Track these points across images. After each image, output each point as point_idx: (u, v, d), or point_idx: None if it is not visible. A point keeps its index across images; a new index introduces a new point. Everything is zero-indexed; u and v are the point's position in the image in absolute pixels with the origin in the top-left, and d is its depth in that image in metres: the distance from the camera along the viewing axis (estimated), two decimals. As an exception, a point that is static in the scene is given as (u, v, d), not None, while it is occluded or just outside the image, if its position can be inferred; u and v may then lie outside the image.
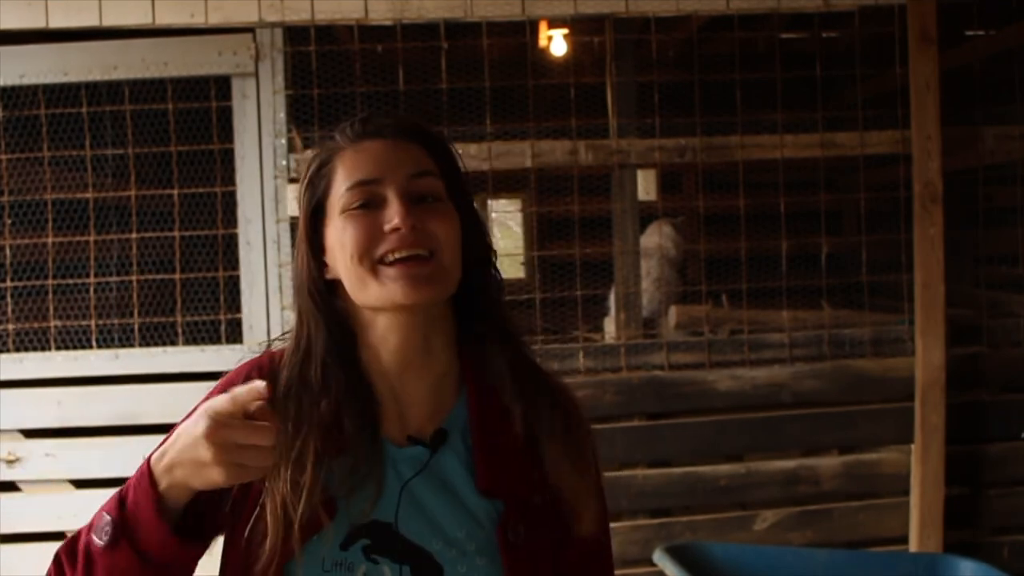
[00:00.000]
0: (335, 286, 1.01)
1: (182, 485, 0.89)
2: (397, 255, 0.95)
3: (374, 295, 0.97)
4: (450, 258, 0.97)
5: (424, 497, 0.98)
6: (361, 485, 0.96)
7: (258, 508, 0.95)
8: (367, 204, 0.97)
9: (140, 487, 0.91)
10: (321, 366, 1.00)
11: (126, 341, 2.82)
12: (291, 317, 1.09)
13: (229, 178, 2.84)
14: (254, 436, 0.86)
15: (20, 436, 2.80)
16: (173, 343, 2.83)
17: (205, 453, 0.86)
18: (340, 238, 0.98)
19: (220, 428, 0.85)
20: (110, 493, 0.96)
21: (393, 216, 0.95)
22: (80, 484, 2.79)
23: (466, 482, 0.99)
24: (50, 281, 2.83)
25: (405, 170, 0.98)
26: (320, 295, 1.01)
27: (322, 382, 0.99)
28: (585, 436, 1.04)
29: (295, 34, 2.83)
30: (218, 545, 1.02)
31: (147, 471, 0.91)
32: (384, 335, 1.00)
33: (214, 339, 2.85)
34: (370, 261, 0.96)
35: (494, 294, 1.05)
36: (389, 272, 0.95)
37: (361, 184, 0.97)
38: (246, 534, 0.96)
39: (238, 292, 2.85)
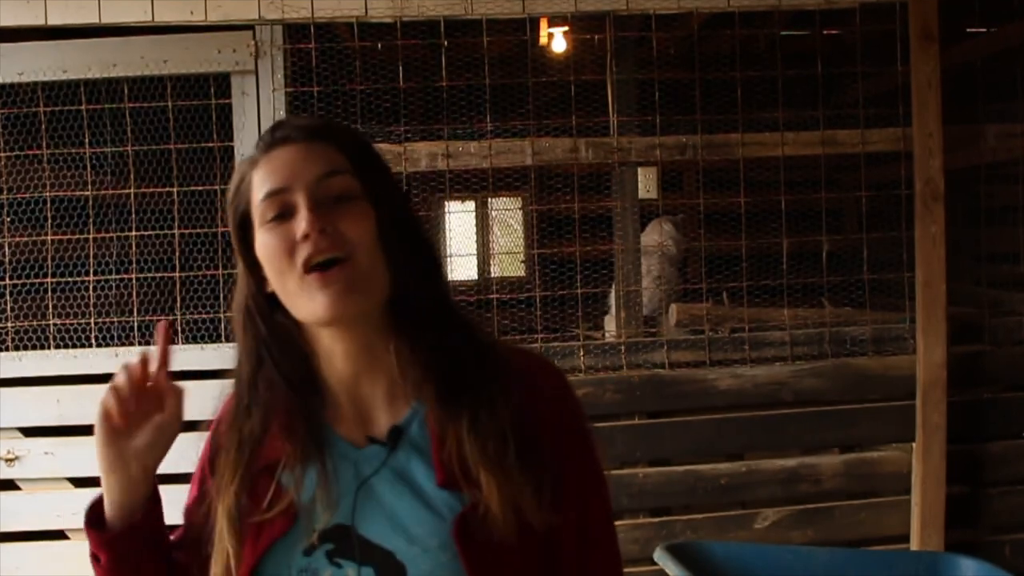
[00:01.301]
0: (275, 297, 1.00)
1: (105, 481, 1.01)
2: (313, 261, 0.94)
3: (304, 311, 0.97)
4: (367, 259, 0.95)
5: (383, 495, 0.97)
6: (319, 489, 0.96)
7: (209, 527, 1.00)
8: (281, 215, 0.96)
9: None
10: (248, 384, 1.02)
11: (125, 340, 2.82)
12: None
13: (229, 176, 2.81)
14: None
15: (19, 434, 2.79)
16: (172, 342, 2.80)
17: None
18: (264, 253, 0.98)
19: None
20: None
21: (301, 222, 0.94)
22: (79, 483, 2.78)
23: (427, 476, 0.96)
24: (49, 279, 2.82)
25: (313, 172, 0.96)
26: (259, 310, 1.02)
27: (248, 401, 1.01)
28: (538, 423, 0.99)
29: (295, 31, 2.83)
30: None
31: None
32: (330, 345, 1.00)
33: (214, 338, 2.84)
34: (292, 274, 0.95)
35: (431, 289, 1.01)
36: (312, 282, 0.94)
37: (271, 194, 0.97)
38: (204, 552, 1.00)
39: (238, 290, 2.84)
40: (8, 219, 2.85)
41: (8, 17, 2.75)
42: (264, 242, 0.97)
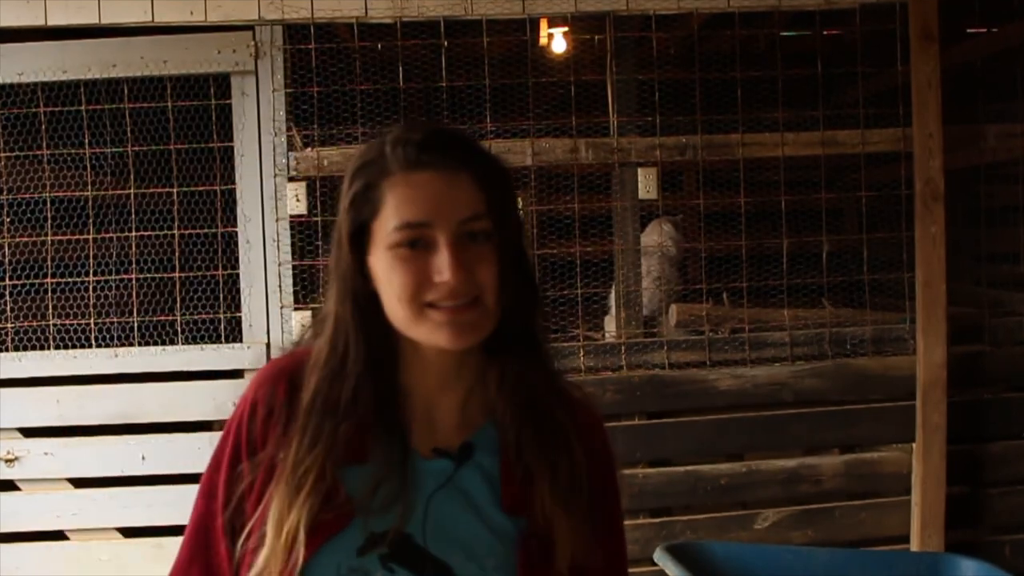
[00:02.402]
0: (378, 298, 1.00)
1: None
2: (445, 303, 0.95)
3: (420, 335, 0.98)
4: (493, 300, 0.97)
5: (445, 509, 0.98)
6: (385, 495, 0.97)
7: (255, 517, 0.97)
8: (415, 244, 0.96)
9: None
10: (354, 385, 0.99)
11: (125, 340, 2.82)
12: (291, 315, 1.09)
13: (228, 176, 2.83)
14: None
15: (19, 435, 2.79)
16: (172, 342, 2.82)
17: None
18: (387, 275, 0.97)
19: None
20: (109, 492, 0.98)
21: (443, 268, 0.94)
22: (79, 483, 2.78)
23: (488, 499, 0.99)
24: (49, 280, 2.82)
25: (457, 215, 0.95)
26: (364, 307, 1.00)
27: (352, 403, 0.99)
28: (593, 470, 1.04)
29: (295, 32, 2.82)
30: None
31: None
32: (426, 358, 1.01)
33: (213, 338, 2.84)
34: (418, 305, 0.95)
35: (531, 316, 1.04)
36: (436, 316, 0.96)
37: (411, 226, 0.95)
38: (241, 543, 0.98)
39: (238, 291, 2.84)
40: (8, 219, 2.85)
41: (8, 17, 2.74)
42: (391, 267, 0.96)
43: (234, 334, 2.85)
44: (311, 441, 0.97)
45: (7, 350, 2.81)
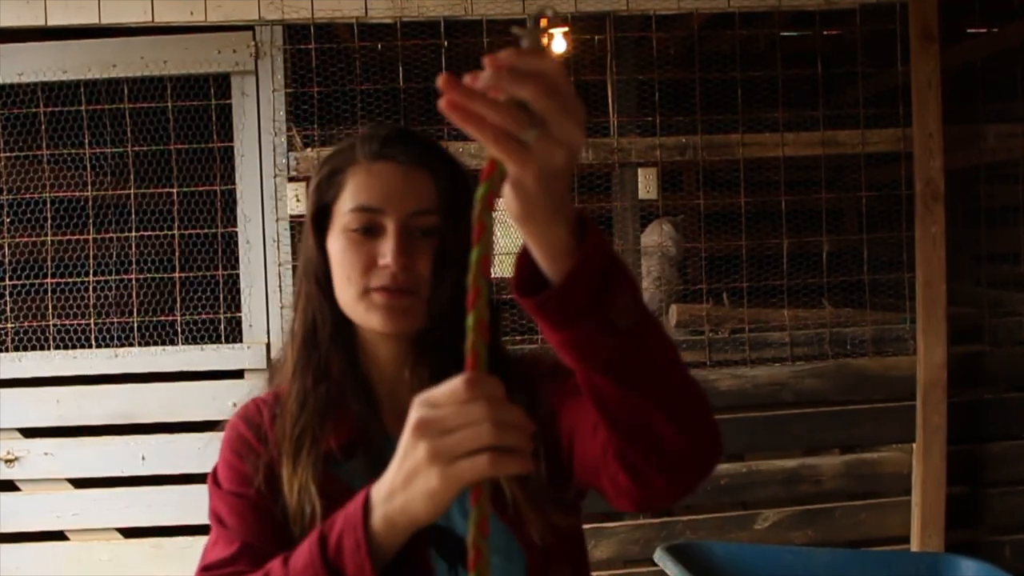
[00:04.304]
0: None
1: (400, 515, 0.79)
2: (384, 286, 1.01)
3: (358, 317, 1.04)
4: (427, 291, 1.03)
5: None
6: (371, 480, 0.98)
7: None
8: (367, 229, 1.03)
9: (348, 526, 0.84)
10: (325, 352, 1.06)
11: (125, 340, 2.81)
12: (292, 316, 1.12)
13: (229, 176, 2.83)
14: (465, 407, 0.71)
15: (19, 435, 2.79)
16: (172, 342, 2.82)
17: (414, 459, 0.74)
18: (339, 256, 1.04)
19: (425, 415, 0.73)
20: (109, 492, 0.98)
21: (387, 253, 1.01)
22: (79, 483, 2.78)
23: None
24: (49, 280, 2.82)
25: (408, 207, 1.03)
26: (325, 286, 1.07)
27: (325, 368, 1.05)
28: (557, 389, 1.05)
29: (295, 32, 2.82)
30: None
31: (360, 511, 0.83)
32: (375, 341, 1.07)
33: (214, 338, 2.84)
34: (361, 288, 1.02)
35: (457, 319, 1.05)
36: (376, 299, 1.02)
37: (364, 209, 1.03)
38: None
39: (238, 291, 2.84)
40: (8, 219, 2.85)
41: (8, 17, 2.74)
42: (342, 248, 1.04)
43: (234, 334, 2.85)
44: (299, 405, 1.03)
45: (7, 350, 2.81)
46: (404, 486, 0.76)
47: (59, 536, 2.79)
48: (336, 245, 1.04)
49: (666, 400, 0.81)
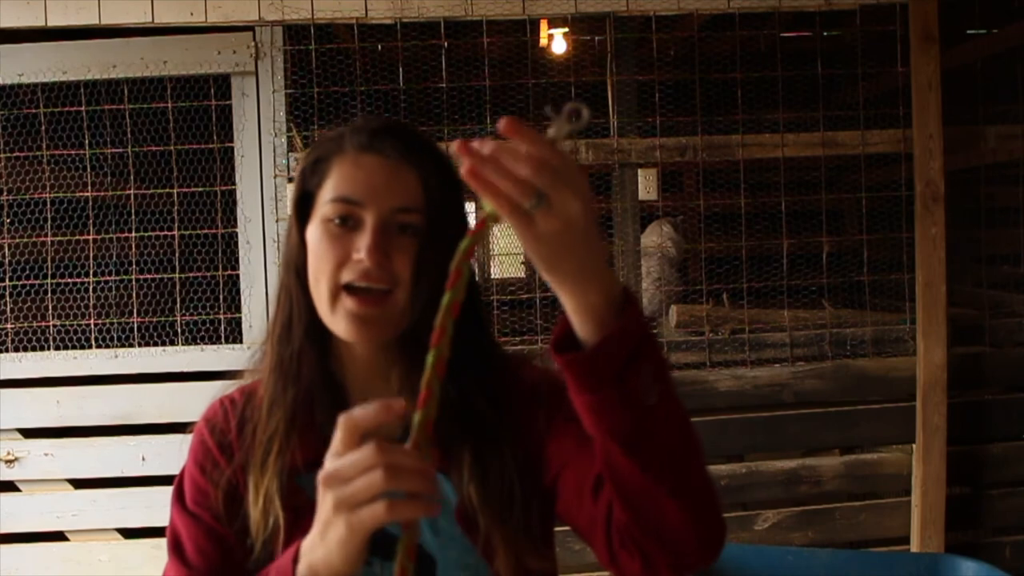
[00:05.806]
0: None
1: (321, 566, 0.80)
2: (357, 284, 0.97)
3: (327, 319, 0.99)
4: (405, 295, 0.98)
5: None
6: None
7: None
8: (345, 221, 0.99)
9: None
10: (298, 349, 1.02)
11: (125, 341, 2.82)
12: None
13: (229, 177, 2.83)
14: (359, 463, 0.73)
15: (19, 436, 2.79)
16: (172, 343, 2.82)
17: (324, 510, 0.76)
18: (315, 247, 1.00)
19: (329, 472, 0.75)
20: (109, 493, 0.98)
21: (362, 247, 0.97)
22: (79, 484, 2.78)
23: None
24: (49, 280, 2.82)
25: (390, 202, 0.99)
26: (303, 278, 1.03)
27: (297, 367, 1.02)
28: (548, 405, 1.03)
29: (295, 32, 2.82)
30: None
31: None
32: (349, 343, 1.03)
33: (214, 339, 2.84)
34: (332, 284, 0.97)
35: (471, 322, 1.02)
36: (346, 303, 0.97)
37: (344, 200, 0.99)
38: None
39: (238, 291, 2.84)
40: (8, 220, 2.85)
41: (8, 18, 2.74)
42: (319, 238, 1.00)
43: (234, 335, 2.85)
44: (267, 412, 1.01)
45: (7, 351, 2.81)
46: (321, 537, 0.78)
47: (59, 537, 2.79)
48: (314, 235, 1.01)
49: (680, 491, 0.82)
